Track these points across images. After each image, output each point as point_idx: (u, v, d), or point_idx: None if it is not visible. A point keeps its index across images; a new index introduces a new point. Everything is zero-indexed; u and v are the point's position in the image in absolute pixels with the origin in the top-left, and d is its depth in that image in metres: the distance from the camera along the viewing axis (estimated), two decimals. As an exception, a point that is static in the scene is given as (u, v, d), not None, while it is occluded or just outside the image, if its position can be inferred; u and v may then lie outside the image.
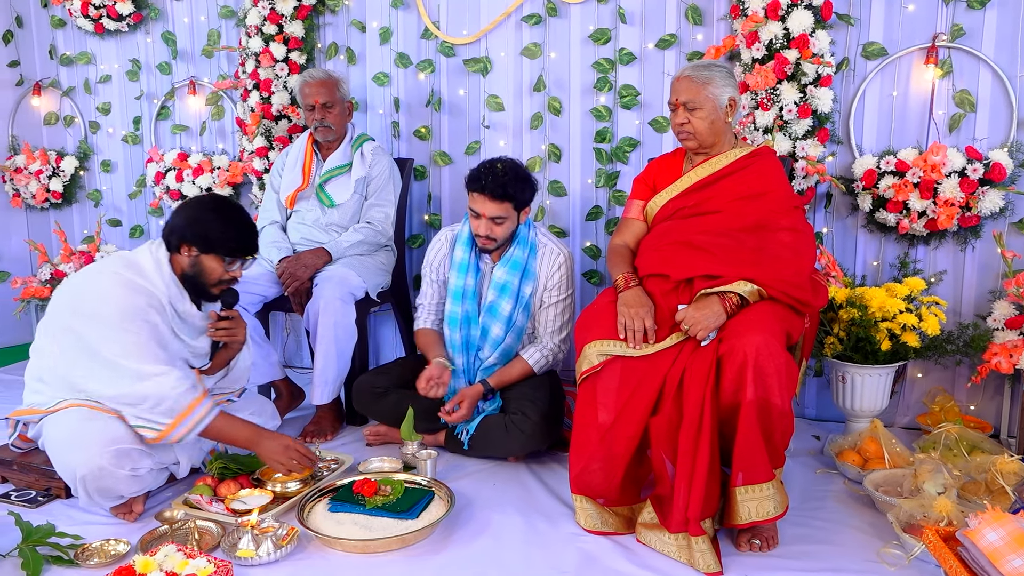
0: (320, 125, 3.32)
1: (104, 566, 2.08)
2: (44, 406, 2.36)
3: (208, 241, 2.37)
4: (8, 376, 4.03)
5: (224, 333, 2.54)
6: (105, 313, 2.25)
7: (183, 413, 2.27)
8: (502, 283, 2.81)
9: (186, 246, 2.38)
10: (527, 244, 2.83)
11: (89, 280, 2.36)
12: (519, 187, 2.71)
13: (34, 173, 4.37)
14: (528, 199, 2.77)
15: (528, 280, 2.82)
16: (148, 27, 4.20)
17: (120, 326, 2.25)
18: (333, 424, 3.14)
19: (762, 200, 2.44)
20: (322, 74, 3.36)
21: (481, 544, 2.23)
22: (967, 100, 2.97)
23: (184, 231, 2.37)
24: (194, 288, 2.42)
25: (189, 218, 2.39)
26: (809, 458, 2.85)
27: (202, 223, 2.37)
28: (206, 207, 2.43)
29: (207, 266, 2.39)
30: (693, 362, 2.19)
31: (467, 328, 2.86)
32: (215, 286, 2.43)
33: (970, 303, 3.06)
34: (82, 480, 2.23)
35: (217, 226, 2.38)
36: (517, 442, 2.71)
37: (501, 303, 2.81)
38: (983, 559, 1.72)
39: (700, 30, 3.28)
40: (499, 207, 2.70)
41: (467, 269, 2.86)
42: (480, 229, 2.75)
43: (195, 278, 2.40)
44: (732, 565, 2.10)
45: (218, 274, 2.41)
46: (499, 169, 2.70)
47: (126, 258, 2.42)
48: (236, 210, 2.46)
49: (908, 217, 2.95)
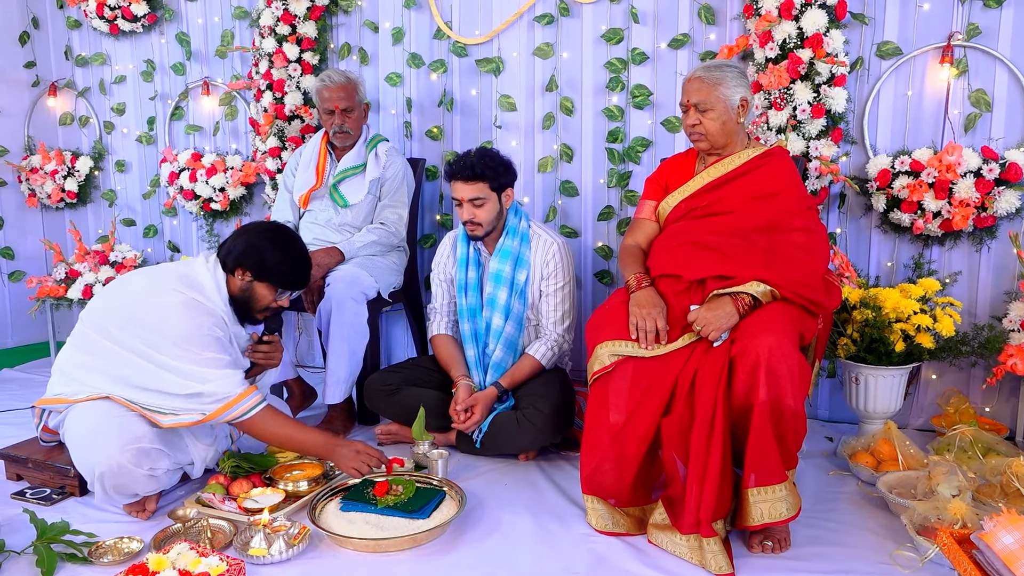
0: (339, 131, 3.32)
1: (117, 564, 2.09)
2: (71, 396, 2.38)
3: (265, 270, 2.44)
4: (24, 375, 4.06)
5: (262, 356, 2.60)
6: (171, 332, 2.31)
7: (232, 401, 2.33)
8: (496, 272, 2.88)
9: (241, 270, 2.44)
10: (517, 233, 2.91)
11: (152, 296, 2.38)
12: (491, 167, 2.79)
13: (49, 173, 4.40)
14: (505, 181, 2.85)
15: (521, 268, 2.88)
16: (162, 28, 4.22)
17: (186, 346, 2.30)
18: (345, 423, 3.15)
19: (775, 200, 2.43)
20: (341, 78, 3.31)
21: (492, 544, 2.23)
22: (983, 100, 2.94)
23: (243, 257, 2.44)
24: (240, 310, 2.49)
25: (250, 244, 2.45)
26: (822, 459, 2.84)
27: (261, 252, 2.44)
28: (267, 236, 2.49)
29: (258, 293, 2.47)
30: (705, 363, 2.18)
31: (474, 319, 2.93)
32: (261, 312, 2.51)
33: (985, 304, 3.04)
34: (100, 476, 2.24)
35: (275, 256, 2.46)
36: (529, 436, 2.72)
37: (498, 293, 2.87)
38: (998, 562, 1.71)
39: (713, 30, 3.27)
40: (473, 187, 2.78)
41: (467, 263, 2.95)
42: (463, 214, 2.84)
43: (244, 302, 2.48)
44: (744, 567, 2.09)
45: (267, 302, 2.49)
46: (471, 154, 2.83)
47: (185, 276, 2.44)
48: (296, 242, 2.54)
49: (923, 217, 2.93)
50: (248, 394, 2.37)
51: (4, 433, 3.05)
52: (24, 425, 3.06)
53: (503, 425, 2.75)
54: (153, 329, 2.32)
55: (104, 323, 2.39)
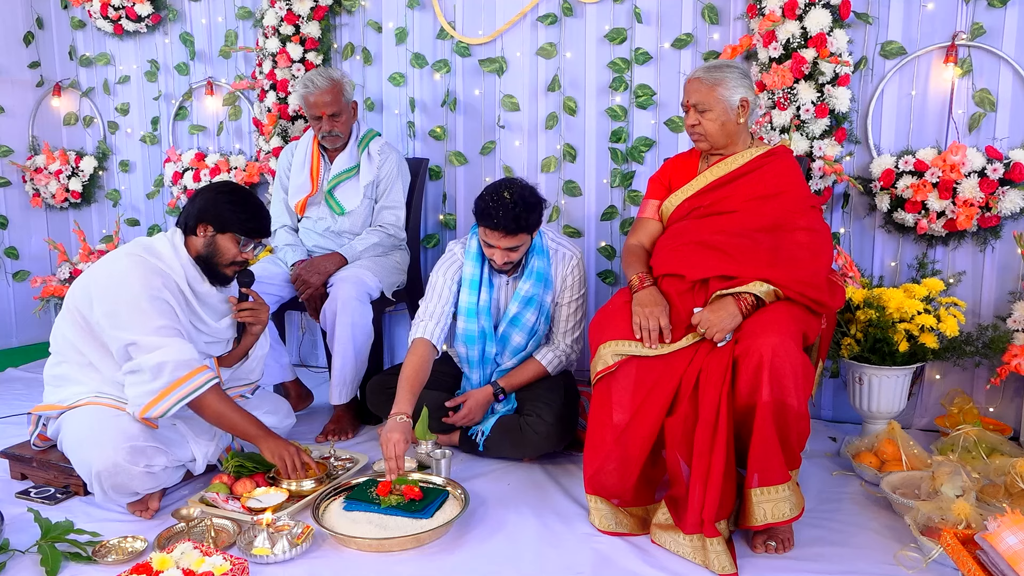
0: (328, 135, 3.25)
1: (121, 563, 2.10)
2: (64, 403, 2.44)
3: (224, 221, 2.49)
4: (28, 374, 4.07)
5: (248, 314, 2.63)
6: (122, 294, 2.34)
7: (180, 380, 2.32)
8: (528, 296, 2.75)
9: (203, 226, 2.49)
10: (543, 252, 2.79)
11: (107, 262, 2.46)
12: (532, 216, 2.60)
13: (54, 173, 4.41)
14: (540, 218, 2.68)
15: (549, 289, 2.80)
16: (166, 28, 4.23)
17: (136, 305, 2.33)
18: (352, 423, 3.14)
19: (778, 200, 2.43)
20: (325, 82, 3.17)
21: (495, 544, 2.23)
22: (987, 99, 2.94)
23: (202, 212, 2.50)
24: (208, 269, 2.52)
25: (207, 199, 2.52)
26: (825, 460, 2.83)
27: (219, 204, 2.50)
28: (222, 191, 2.56)
29: (222, 246, 2.50)
30: (709, 363, 2.18)
31: (483, 343, 2.82)
32: (228, 266, 2.54)
33: (989, 304, 3.03)
34: (97, 476, 2.26)
35: (233, 207, 2.51)
36: (531, 443, 2.71)
37: (526, 314, 2.78)
38: (1002, 563, 1.71)
39: (716, 29, 3.27)
40: (514, 240, 2.62)
41: (479, 285, 2.79)
42: (496, 258, 2.67)
43: (209, 259, 2.51)
44: (747, 567, 2.09)
45: (232, 254, 2.52)
46: (508, 201, 2.56)
47: (143, 242, 2.52)
48: (250, 194, 2.60)
49: (927, 217, 2.93)
50: (203, 369, 2.37)
51: (8, 432, 3.06)
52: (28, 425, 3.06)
53: (506, 430, 2.75)
54: (104, 297, 2.36)
55: (66, 312, 2.46)
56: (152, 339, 2.31)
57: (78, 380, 2.46)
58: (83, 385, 2.45)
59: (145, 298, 2.34)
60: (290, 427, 2.89)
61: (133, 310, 2.32)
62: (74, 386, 2.46)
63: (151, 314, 2.33)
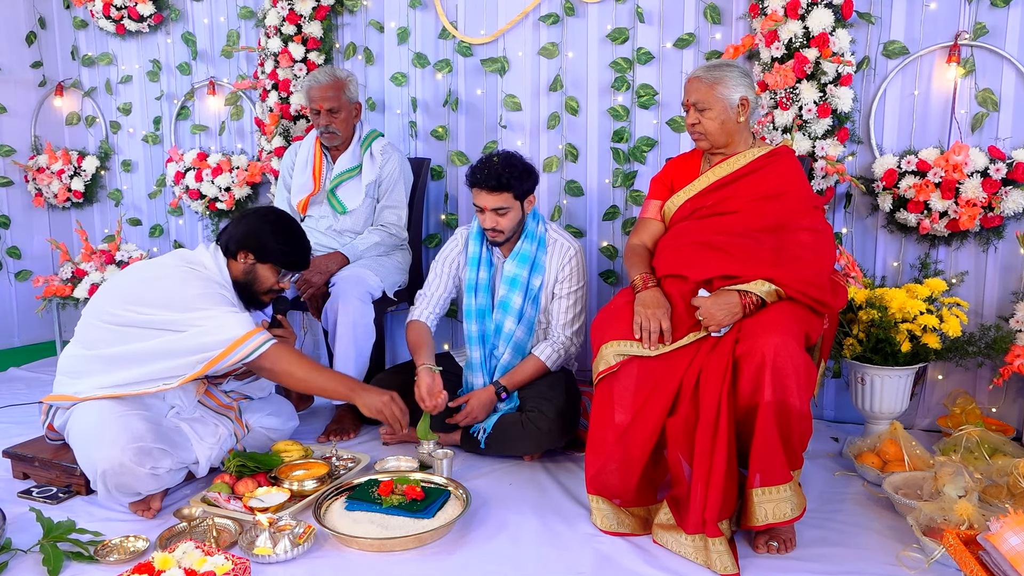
0: (326, 131, 3.29)
1: (123, 562, 2.10)
2: (76, 395, 2.40)
3: (266, 251, 2.53)
4: (30, 374, 4.07)
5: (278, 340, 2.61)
6: (174, 300, 2.38)
7: (239, 340, 2.36)
8: (511, 276, 2.85)
9: (244, 253, 2.52)
10: (535, 238, 2.87)
11: (151, 271, 2.49)
12: (516, 176, 2.74)
13: (56, 173, 4.42)
14: (528, 188, 2.81)
15: (537, 273, 2.86)
16: (168, 28, 4.23)
17: (191, 306, 2.37)
18: (354, 423, 3.14)
19: (781, 200, 2.43)
20: (327, 77, 3.26)
21: (497, 544, 2.23)
22: (990, 99, 2.93)
23: (245, 239, 2.52)
24: (244, 295, 2.55)
25: (251, 227, 2.54)
26: (828, 460, 2.83)
27: (263, 234, 2.54)
28: (267, 220, 2.59)
29: (261, 274, 2.55)
30: (710, 362, 2.18)
31: (482, 321, 2.89)
32: (265, 294, 2.58)
33: (992, 304, 3.03)
34: (102, 475, 2.26)
35: (276, 239, 2.55)
36: (534, 440, 2.72)
37: (512, 296, 2.84)
38: (1005, 563, 1.70)
39: (719, 29, 3.26)
40: (499, 198, 2.74)
41: (479, 263, 2.91)
42: (486, 222, 2.80)
43: (247, 285, 2.55)
44: (749, 567, 2.09)
45: (270, 283, 2.57)
46: (495, 162, 2.75)
47: (184, 256, 2.55)
48: (295, 225, 2.63)
49: (929, 217, 2.93)
50: (255, 333, 2.39)
51: (10, 432, 3.06)
52: (30, 424, 3.07)
53: (508, 427, 2.75)
54: (155, 304, 2.37)
55: (104, 307, 2.44)
56: (207, 311, 2.36)
57: (98, 373, 2.40)
58: (103, 377, 2.39)
59: (199, 286, 2.39)
60: (293, 429, 2.89)
61: (194, 296, 2.37)
62: (93, 378, 2.40)
63: (210, 296, 2.39)
